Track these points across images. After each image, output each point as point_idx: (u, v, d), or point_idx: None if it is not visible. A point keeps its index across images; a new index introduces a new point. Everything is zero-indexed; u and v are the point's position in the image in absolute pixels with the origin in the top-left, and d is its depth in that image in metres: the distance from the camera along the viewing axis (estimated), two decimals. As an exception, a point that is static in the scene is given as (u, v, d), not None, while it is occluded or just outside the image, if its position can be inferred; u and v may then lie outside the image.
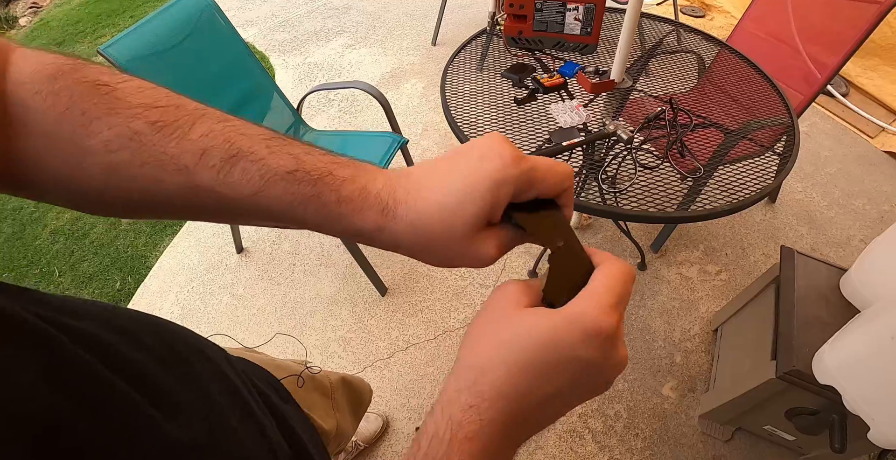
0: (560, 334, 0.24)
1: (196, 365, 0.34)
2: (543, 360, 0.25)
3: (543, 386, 0.25)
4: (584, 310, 0.25)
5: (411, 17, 3.15)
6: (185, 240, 1.91)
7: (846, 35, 1.46)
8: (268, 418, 0.39)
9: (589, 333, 0.24)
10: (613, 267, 0.28)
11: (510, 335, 0.25)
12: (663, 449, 1.34)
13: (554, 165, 0.29)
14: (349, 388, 0.83)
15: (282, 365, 0.65)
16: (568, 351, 0.24)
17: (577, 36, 1.30)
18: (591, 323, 0.24)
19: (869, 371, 0.86)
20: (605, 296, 0.26)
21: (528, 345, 0.25)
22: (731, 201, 1.02)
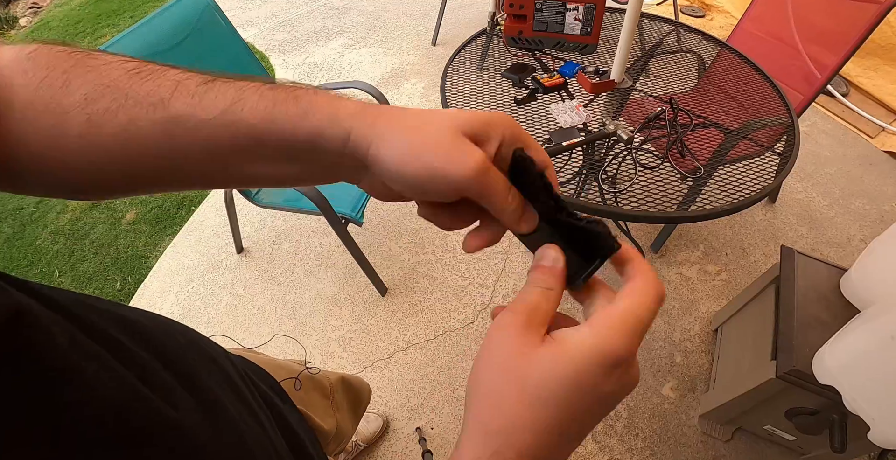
0: (585, 373, 0.23)
1: (198, 361, 0.34)
2: (574, 408, 0.23)
3: (569, 433, 0.24)
4: (610, 338, 0.23)
5: (411, 17, 3.15)
6: (186, 240, 1.91)
7: (846, 35, 1.46)
8: (266, 416, 0.39)
9: (612, 366, 0.23)
10: (648, 287, 0.25)
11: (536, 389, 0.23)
12: (663, 449, 1.34)
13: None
14: (348, 388, 0.83)
15: (281, 365, 0.65)
16: (594, 388, 0.23)
17: (577, 36, 1.30)
18: (615, 357, 0.23)
19: (869, 371, 0.86)
20: (634, 325, 0.24)
21: (557, 398, 0.23)
22: (731, 201, 1.01)
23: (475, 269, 1.74)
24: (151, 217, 2.01)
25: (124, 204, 2.08)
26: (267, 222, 1.94)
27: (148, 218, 2.01)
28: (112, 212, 2.05)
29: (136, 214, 2.03)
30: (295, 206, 1.45)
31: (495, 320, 0.26)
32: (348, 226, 1.44)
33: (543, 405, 0.23)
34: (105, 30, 3.24)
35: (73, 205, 2.09)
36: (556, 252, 0.28)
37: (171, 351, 0.31)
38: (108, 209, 2.07)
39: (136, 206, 2.06)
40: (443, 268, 1.75)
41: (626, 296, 0.25)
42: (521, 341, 0.24)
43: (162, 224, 1.98)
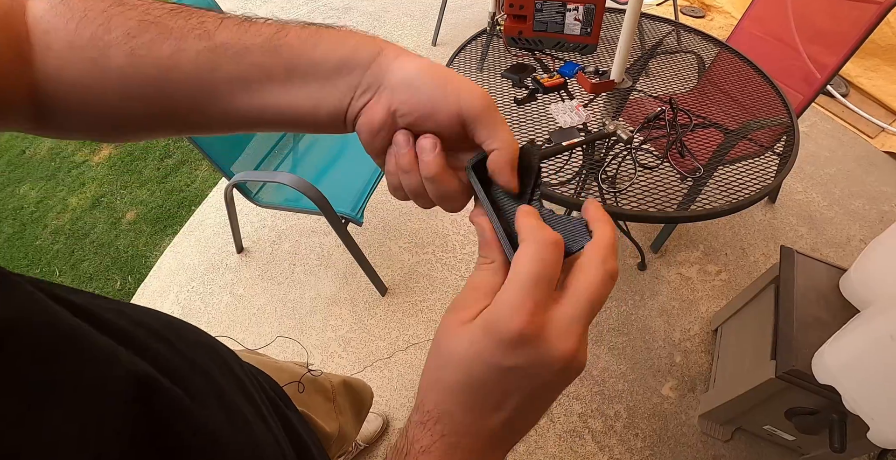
0: (478, 348, 0.24)
1: (207, 358, 0.34)
2: (473, 376, 0.24)
3: (487, 398, 0.25)
4: (495, 317, 0.24)
5: (411, 17, 3.15)
6: (186, 240, 1.91)
7: (846, 35, 1.46)
8: (274, 421, 0.39)
9: (505, 341, 0.23)
10: (516, 257, 0.25)
11: (444, 355, 0.25)
12: (663, 449, 1.34)
13: None
14: (351, 391, 0.82)
15: (283, 368, 0.65)
16: (491, 363, 0.24)
17: (577, 36, 1.30)
18: (505, 330, 0.23)
19: (869, 371, 0.86)
20: (516, 294, 0.23)
21: (454, 364, 0.25)
22: (730, 201, 1.02)
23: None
24: (151, 217, 2.01)
25: (124, 203, 2.08)
26: (267, 222, 1.94)
27: (148, 217, 2.01)
28: (112, 212, 2.05)
29: (137, 214, 2.03)
30: (295, 206, 1.45)
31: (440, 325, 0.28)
32: (348, 226, 1.44)
33: (445, 367, 0.25)
34: (105, 30, 3.24)
35: (73, 205, 2.09)
36: (482, 222, 0.29)
37: (185, 349, 0.31)
38: (108, 208, 2.07)
39: (136, 206, 2.06)
40: (443, 268, 1.75)
41: (512, 264, 0.25)
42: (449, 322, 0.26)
43: (162, 223, 1.98)
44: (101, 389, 0.20)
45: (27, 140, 2.46)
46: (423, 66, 0.29)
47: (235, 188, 1.45)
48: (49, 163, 2.31)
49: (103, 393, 0.20)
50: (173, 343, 0.30)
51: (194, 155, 2.26)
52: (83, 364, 0.20)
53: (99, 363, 0.21)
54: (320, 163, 1.62)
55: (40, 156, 2.35)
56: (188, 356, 0.30)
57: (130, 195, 2.12)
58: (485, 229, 0.29)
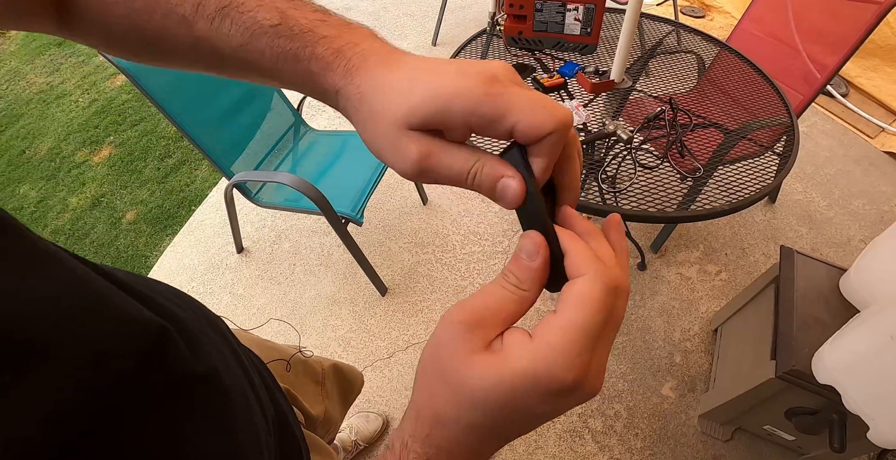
0: (519, 395, 0.22)
1: (209, 329, 0.36)
2: (502, 419, 0.23)
3: (500, 436, 0.25)
4: (545, 366, 0.22)
5: (411, 17, 3.15)
6: (186, 240, 1.91)
7: (846, 35, 1.46)
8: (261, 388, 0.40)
9: (554, 391, 0.22)
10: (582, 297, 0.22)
11: (466, 396, 0.23)
12: (663, 449, 1.34)
13: (540, 102, 0.23)
14: (340, 376, 0.83)
15: (274, 347, 0.66)
16: (526, 408, 0.23)
17: (577, 36, 1.31)
18: (555, 384, 0.22)
19: (868, 371, 0.86)
20: (577, 346, 0.22)
21: (485, 408, 0.23)
22: (730, 201, 1.02)
23: (475, 269, 1.75)
24: (151, 216, 2.01)
25: (124, 203, 2.08)
26: (267, 222, 1.94)
27: (148, 217, 2.01)
28: (112, 212, 2.05)
29: (137, 214, 2.03)
30: (295, 206, 1.45)
31: (445, 313, 0.25)
32: (348, 226, 1.44)
33: (470, 408, 0.23)
34: (105, 30, 3.24)
35: (73, 205, 2.09)
36: (536, 242, 0.25)
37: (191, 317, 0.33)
38: (108, 208, 2.07)
39: (136, 206, 2.06)
40: (443, 268, 1.75)
41: (565, 306, 0.23)
42: (463, 343, 0.23)
43: (162, 223, 1.98)
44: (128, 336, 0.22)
45: (27, 140, 2.46)
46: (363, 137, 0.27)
47: (235, 188, 1.45)
48: (49, 163, 2.31)
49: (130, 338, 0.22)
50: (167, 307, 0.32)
51: (194, 155, 2.26)
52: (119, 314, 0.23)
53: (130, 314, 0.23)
54: (320, 163, 1.62)
55: (40, 156, 2.35)
56: (195, 323, 0.32)
57: (130, 195, 2.12)
58: (536, 255, 0.25)
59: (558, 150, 0.25)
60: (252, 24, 0.27)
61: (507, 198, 0.25)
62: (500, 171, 0.25)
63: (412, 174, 0.25)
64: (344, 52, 0.26)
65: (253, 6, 0.27)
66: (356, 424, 1.34)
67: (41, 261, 0.20)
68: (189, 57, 0.30)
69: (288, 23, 0.27)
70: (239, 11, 0.27)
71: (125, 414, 0.21)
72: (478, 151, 0.25)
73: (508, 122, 0.23)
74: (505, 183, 0.25)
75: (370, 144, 0.27)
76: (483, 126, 0.24)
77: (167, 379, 0.24)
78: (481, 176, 0.25)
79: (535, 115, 0.23)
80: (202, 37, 0.28)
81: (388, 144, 0.25)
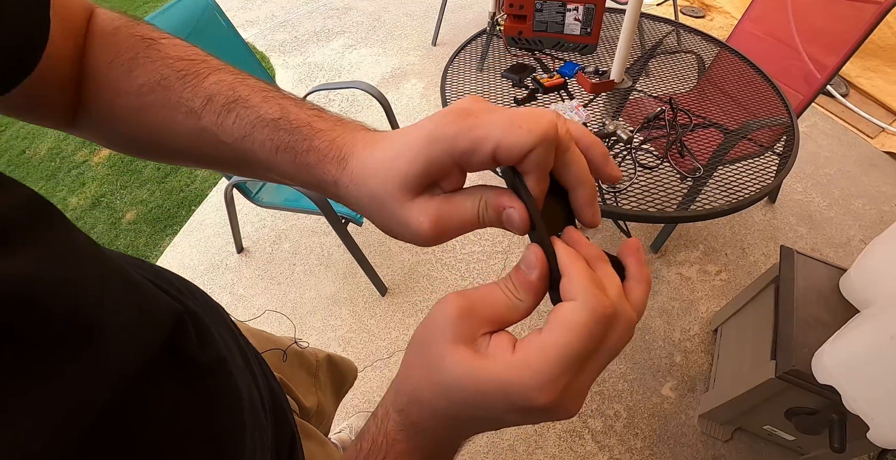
0: (485, 399, 0.22)
1: (215, 317, 0.38)
2: (467, 414, 0.24)
3: (465, 428, 0.26)
4: (520, 387, 0.21)
5: (411, 17, 3.15)
6: (186, 240, 1.91)
7: (846, 35, 1.46)
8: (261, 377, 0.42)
9: (518, 407, 0.22)
10: (565, 321, 0.22)
11: (439, 382, 0.24)
12: (663, 448, 1.34)
13: (514, 121, 0.23)
14: (334, 368, 0.83)
15: (270, 338, 0.66)
16: (491, 412, 0.23)
17: (577, 36, 1.31)
18: (523, 401, 0.22)
19: (868, 371, 0.86)
20: (554, 370, 0.21)
21: (453, 400, 0.23)
22: (730, 201, 1.02)
23: (475, 269, 1.75)
24: (151, 217, 2.01)
25: (124, 203, 2.08)
26: (267, 222, 1.94)
27: (148, 217, 2.01)
28: (112, 212, 2.05)
29: (137, 214, 2.03)
30: (295, 206, 1.45)
31: (443, 298, 0.25)
32: (348, 226, 1.44)
33: (439, 393, 0.24)
34: (105, 30, 3.25)
35: (73, 205, 2.09)
36: (535, 257, 0.25)
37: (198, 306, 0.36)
38: (108, 208, 2.07)
39: (136, 206, 2.06)
40: (443, 268, 1.75)
41: (549, 327, 0.22)
42: (451, 328, 0.24)
43: (162, 223, 1.98)
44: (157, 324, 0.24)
45: (27, 140, 2.46)
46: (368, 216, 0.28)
47: (235, 188, 1.45)
48: (49, 163, 2.31)
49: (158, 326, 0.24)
50: (185, 295, 0.35)
51: (194, 155, 2.26)
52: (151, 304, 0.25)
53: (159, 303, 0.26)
54: (320, 163, 1.62)
55: (40, 156, 2.35)
56: (205, 312, 0.34)
57: (130, 195, 2.12)
58: (533, 269, 0.25)
59: (547, 162, 0.24)
60: (255, 118, 0.29)
61: (514, 226, 0.26)
62: (501, 204, 0.25)
63: (432, 242, 0.26)
64: (336, 142, 0.28)
65: (257, 102, 0.29)
66: (356, 424, 1.34)
67: (85, 253, 0.22)
68: (192, 147, 0.32)
69: (288, 117, 0.29)
70: (244, 106, 0.29)
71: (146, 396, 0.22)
72: (476, 190, 0.26)
73: (487, 150, 0.23)
74: (508, 214, 0.25)
75: (382, 227, 0.28)
76: (468, 161, 0.24)
77: (181, 364, 0.26)
78: (487, 214, 0.26)
79: (510, 136, 0.23)
80: (207, 128, 0.30)
81: (399, 224, 0.26)
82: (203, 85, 0.30)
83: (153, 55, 0.31)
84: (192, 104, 0.30)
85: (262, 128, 0.29)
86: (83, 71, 0.31)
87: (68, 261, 0.20)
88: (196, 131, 0.30)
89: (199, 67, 0.31)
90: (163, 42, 0.32)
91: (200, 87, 0.30)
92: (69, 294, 0.19)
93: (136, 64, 0.31)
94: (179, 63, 0.31)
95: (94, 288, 0.21)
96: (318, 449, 0.56)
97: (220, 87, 0.30)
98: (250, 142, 0.29)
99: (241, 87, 0.30)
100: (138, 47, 0.31)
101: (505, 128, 0.23)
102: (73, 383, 0.18)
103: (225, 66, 0.32)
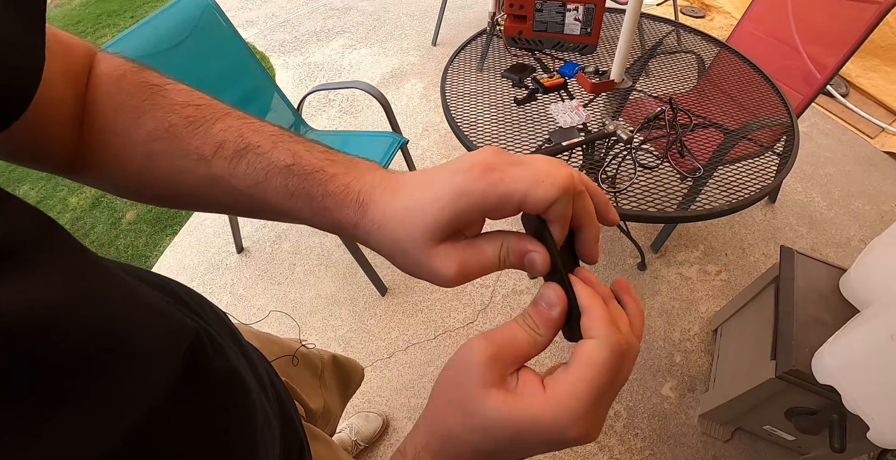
0: (523, 436, 0.25)
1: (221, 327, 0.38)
2: (504, 449, 0.26)
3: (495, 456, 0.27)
4: (553, 419, 0.24)
5: (411, 17, 3.15)
6: (186, 240, 1.91)
7: (846, 35, 1.46)
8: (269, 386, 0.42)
9: (554, 442, 0.25)
10: (591, 359, 0.25)
11: (478, 423, 0.25)
12: (663, 448, 1.34)
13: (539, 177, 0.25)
14: (339, 368, 0.83)
15: (276, 341, 0.66)
16: (527, 447, 0.25)
17: (577, 36, 1.31)
18: (557, 435, 0.24)
19: (868, 370, 0.86)
20: (581, 405, 0.24)
21: (493, 438, 0.25)
22: (730, 201, 1.02)
23: (475, 269, 1.75)
24: (151, 216, 2.01)
25: (124, 203, 2.08)
26: (267, 222, 1.94)
27: (148, 217, 2.01)
28: (112, 212, 2.05)
29: (137, 214, 2.03)
30: (295, 206, 1.45)
31: (469, 342, 0.27)
32: (348, 226, 1.43)
33: (479, 433, 0.25)
34: (105, 30, 3.24)
35: (73, 205, 2.09)
36: (556, 295, 0.27)
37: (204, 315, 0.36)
38: (108, 208, 2.07)
39: (136, 206, 2.06)
40: (443, 268, 1.75)
41: (576, 365, 0.25)
42: (482, 373, 0.25)
43: (162, 223, 1.98)
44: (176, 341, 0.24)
45: (27, 140, 2.46)
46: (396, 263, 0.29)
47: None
48: (49, 163, 2.31)
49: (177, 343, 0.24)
50: (194, 308, 0.35)
51: (194, 155, 2.26)
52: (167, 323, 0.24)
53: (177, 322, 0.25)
54: (320, 163, 1.62)
55: (40, 156, 2.35)
56: (215, 324, 0.35)
57: (130, 195, 2.12)
58: (555, 306, 0.27)
59: (568, 210, 0.27)
60: (267, 165, 0.29)
61: (535, 269, 0.28)
62: (524, 248, 0.27)
63: (455, 284, 0.27)
64: (351, 187, 0.29)
65: (268, 148, 0.30)
66: (356, 424, 1.34)
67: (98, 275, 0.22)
68: (202, 194, 0.31)
69: (301, 162, 0.29)
70: (256, 153, 0.29)
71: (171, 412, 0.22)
72: (497, 236, 0.28)
73: (514, 204, 0.26)
74: (531, 258, 0.27)
75: (406, 270, 0.29)
76: (494, 213, 0.26)
77: (200, 377, 0.26)
78: (510, 258, 0.28)
79: (537, 190, 0.25)
80: (218, 175, 0.30)
81: (424, 269, 0.28)
82: (212, 131, 0.30)
83: (160, 102, 0.31)
84: (201, 151, 0.30)
85: (275, 176, 0.29)
86: (87, 118, 0.31)
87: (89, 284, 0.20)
88: (207, 178, 0.30)
89: (206, 113, 0.31)
90: (168, 88, 0.32)
91: (209, 134, 0.30)
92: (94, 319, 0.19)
93: (143, 111, 0.31)
94: (186, 109, 0.31)
95: (119, 311, 0.21)
96: (325, 450, 0.56)
97: (229, 134, 0.30)
98: (263, 188, 0.29)
99: (250, 133, 0.30)
100: (144, 94, 0.31)
101: (531, 184, 0.25)
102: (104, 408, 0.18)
103: (232, 110, 0.32)
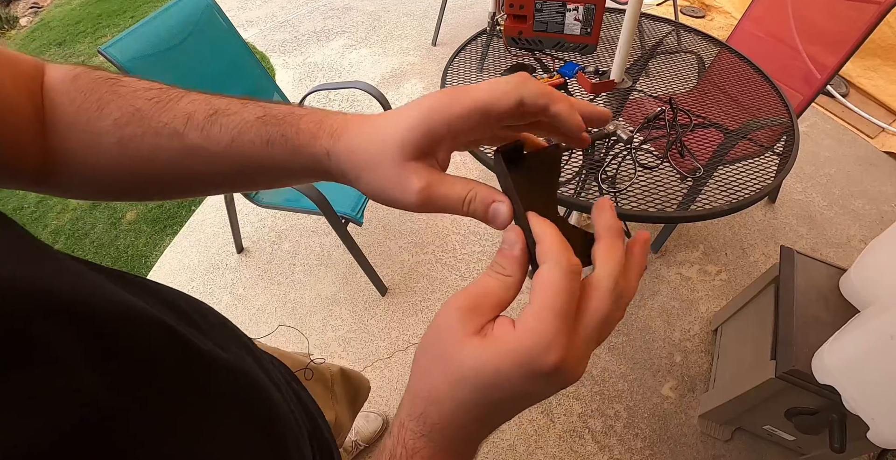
0: (503, 375, 0.24)
1: (229, 341, 0.38)
2: (489, 398, 0.25)
3: (490, 415, 0.27)
4: (529, 351, 0.24)
5: (411, 17, 3.15)
6: (186, 240, 1.91)
7: (846, 35, 1.46)
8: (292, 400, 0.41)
9: (538, 373, 0.24)
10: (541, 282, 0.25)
11: (457, 373, 0.25)
12: (663, 448, 1.34)
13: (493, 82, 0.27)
14: (348, 382, 0.83)
15: (286, 356, 0.66)
16: (511, 389, 0.25)
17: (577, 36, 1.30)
18: (541, 365, 0.24)
19: (868, 370, 0.86)
20: (551, 328, 0.24)
21: (474, 385, 0.25)
22: (730, 201, 1.02)
23: (475, 269, 1.75)
24: (151, 217, 2.01)
25: (124, 203, 2.08)
26: (267, 222, 1.94)
27: (148, 217, 2.01)
28: (112, 212, 2.05)
29: (137, 214, 2.03)
30: (295, 206, 1.45)
31: (447, 302, 0.27)
32: (348, 226, 1.44)
33: (462, 385, 0.25)
34: (105, 30, 3.24)
35: (73, 205, 2.09)
36: (515, 234, 0.28)
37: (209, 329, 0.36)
38: (108, 208, 2.07)
39: (136, 206, 2.06)
40: (443, 268, 1.75)
41: (533, 293, 0.25)
42: (459, 326, 0.25)
43: (162, 224, 1.98)
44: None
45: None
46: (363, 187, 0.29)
47: (235, 188, 1.44)
48: (49, 163, 2.31)
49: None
50: (199, 324, 0.35)
51: (194, 155, 2.26)
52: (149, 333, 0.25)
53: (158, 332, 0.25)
54: (320, 163, 1.62)
55: (40, 156, 2.35)
56: (213, 335, 0.34)
57: (130, 195, 2.12)
58: (515, 244, 0.28)
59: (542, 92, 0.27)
60: (240, 121, 0.30)
61: (498, 220, 0.28)
62: (492, 197, 0.28)
63: (417, 204, 0.28)
64: (325, 122, 0.30)
65: (237, 108, 0.31)
66: (356, 424, 1.34)
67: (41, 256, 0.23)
68: (180, 170, 0.32)
69: (271, 112, 0.31)
70: (226, 115, 0.30)
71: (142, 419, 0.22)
72: (471, 181, 0.29)
73: (478, 108, 0.26)
74: (496, 207, 0.28)
75: (373, 189, 0.29)
76: (462, 127, 0.27)
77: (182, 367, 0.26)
78: (475, 204, 0.28)
79: (496, 88, 0.26)
80: (194, 144, 0.31)
81: (391, 183, 0.28)
82: (178, 106, 0.31)
83: (120, 91, 0.31)
84: (173, 126, 0.30)
85: (248, 129, 0.30)
86: (49, 121, 0.31)
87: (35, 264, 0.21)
88: (183, 150, 0.31)
89: (169, 94, 0.32)
90: (124, 80, 0.32)
91: (177, 108, 0.31)
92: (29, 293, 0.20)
93: (105, 102, 0.31)
94: (149, 92, 0.31)
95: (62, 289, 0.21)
96: None
97: (197, 105, 0.31)
98: (239, 144, 0.30)
99: (217, 100, 0.31)
100: (103, 87, 0.31)
101: (490, 85, 0.27)
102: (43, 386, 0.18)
103: (195, 90, 0.33)
